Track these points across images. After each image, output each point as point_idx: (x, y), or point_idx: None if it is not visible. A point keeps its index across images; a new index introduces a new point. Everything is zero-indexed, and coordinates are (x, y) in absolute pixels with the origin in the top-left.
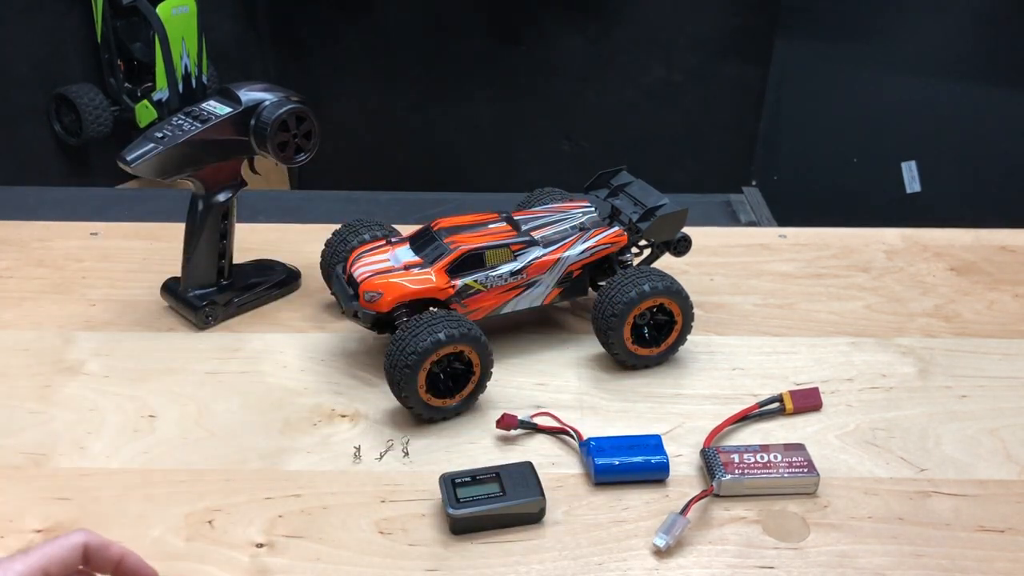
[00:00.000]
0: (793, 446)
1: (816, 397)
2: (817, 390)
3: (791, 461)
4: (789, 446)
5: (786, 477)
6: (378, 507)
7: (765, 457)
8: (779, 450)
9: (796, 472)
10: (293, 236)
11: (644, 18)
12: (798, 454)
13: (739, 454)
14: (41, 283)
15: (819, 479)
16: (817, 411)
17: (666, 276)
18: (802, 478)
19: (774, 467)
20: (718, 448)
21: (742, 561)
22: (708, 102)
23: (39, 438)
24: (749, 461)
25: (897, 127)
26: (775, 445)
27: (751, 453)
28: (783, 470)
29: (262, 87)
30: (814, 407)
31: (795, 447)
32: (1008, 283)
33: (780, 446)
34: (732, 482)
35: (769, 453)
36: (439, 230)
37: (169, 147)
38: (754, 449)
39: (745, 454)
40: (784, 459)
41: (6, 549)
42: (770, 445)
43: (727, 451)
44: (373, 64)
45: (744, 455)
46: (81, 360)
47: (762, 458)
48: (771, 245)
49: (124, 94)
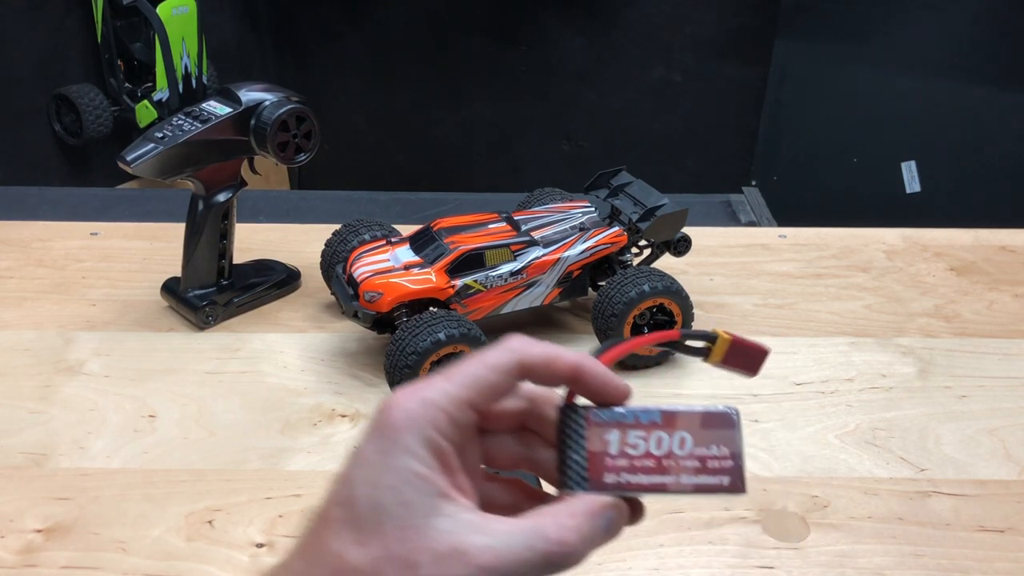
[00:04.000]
0: (716, 418)
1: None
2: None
3: (704, 457)
4: (710, 419)
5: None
6: None
7: (665, 442)
8: (692, 426)
9: (707, 481)
10: (293, 236)
11: (644, 18)
12: (721, 440)
13: (622, 428)
14: (41, 283)
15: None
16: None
17: (666, 276)
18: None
19: (672, 468)
20: (589, 415)
21: (742, 561)
22: (708, 102)
23: (39, 438)
24: (635, 451)
25: (897, 127)
26: (687, 414)
27: (644, 430)
28: (686, 477)
29: (262, 87)
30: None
31: (718, 420)
32: (1008, 283)
33: (696, 417)
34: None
35: (674, 434)
36: (439, 230)
37: (169, 147)
38: (651, 418)
39: (632, 430)
40: (694, 450)
41: (5, 549)
42: (678, 414)
43: (605, 421)
44: (373, 64)
45: (630, 432)
46: (81, 360)
47: (659, 443)
48: (771, 245)
49: (124, 94)
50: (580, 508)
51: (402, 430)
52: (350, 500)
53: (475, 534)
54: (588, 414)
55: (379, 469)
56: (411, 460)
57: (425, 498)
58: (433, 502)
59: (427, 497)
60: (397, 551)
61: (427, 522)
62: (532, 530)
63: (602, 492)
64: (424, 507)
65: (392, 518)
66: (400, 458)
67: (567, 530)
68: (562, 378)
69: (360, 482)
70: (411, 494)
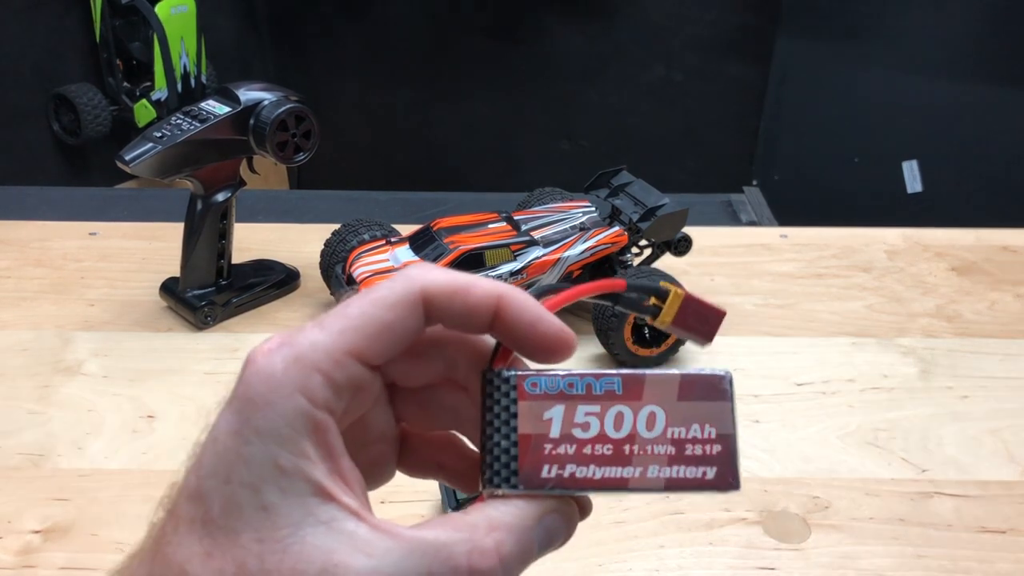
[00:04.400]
0: (699, 384)
1: (715, 320)
2: (720, 314)
3: (681, 440)
4: (691, 386)
5: (656, 485)
6: (377, 508)
7: (627, 420)
8: (665, 397)
9: (684, 473)
10: (292, 236)
11: (644, 17)
12: (705, 417)
13: (567, 402)
14: (40, 283)
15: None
16: (705, 343)
17: (667, 276)
18: (692, 490)
19: (637, 456)
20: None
21: (743, 562)
22: (709, 101)
23: (38, 438)
24: (584, 433)
25: (899, 126)
26: (659, 379)
27: (598, 403)
28: (655, 468)
29: (261, 86)
30: (702, 334)
31: (702, 388)
32: (1010, 283)
33: (671, 383)
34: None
35: (640, 408)
36: (439, 230)
37: (168, 147)
38: (608, 386)
39: (582, 404)
40: (667, 431)
41: (4, 550)
42: (646, 379)
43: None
44: (373, 64)
45: (580, 406)
46: (80, 360)
47: (619, 422)
48: (772, 245)
49: (123, 94)
50: (505, 518)
51: (260, 404)
52: (200, 495)
53: (356, 552)
54: (521, 382)
55: (233, 458)
56: (273, 446)
57: (292, 499)
58: (303, 505)
59: (294, 498)
60: (252, 569)
61: (293, 533)
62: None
63: (537, 491)
64: (290, 512)
65: (249, 526)
66: (258, 444)
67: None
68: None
69: (212, 473)
70: (273, 494)
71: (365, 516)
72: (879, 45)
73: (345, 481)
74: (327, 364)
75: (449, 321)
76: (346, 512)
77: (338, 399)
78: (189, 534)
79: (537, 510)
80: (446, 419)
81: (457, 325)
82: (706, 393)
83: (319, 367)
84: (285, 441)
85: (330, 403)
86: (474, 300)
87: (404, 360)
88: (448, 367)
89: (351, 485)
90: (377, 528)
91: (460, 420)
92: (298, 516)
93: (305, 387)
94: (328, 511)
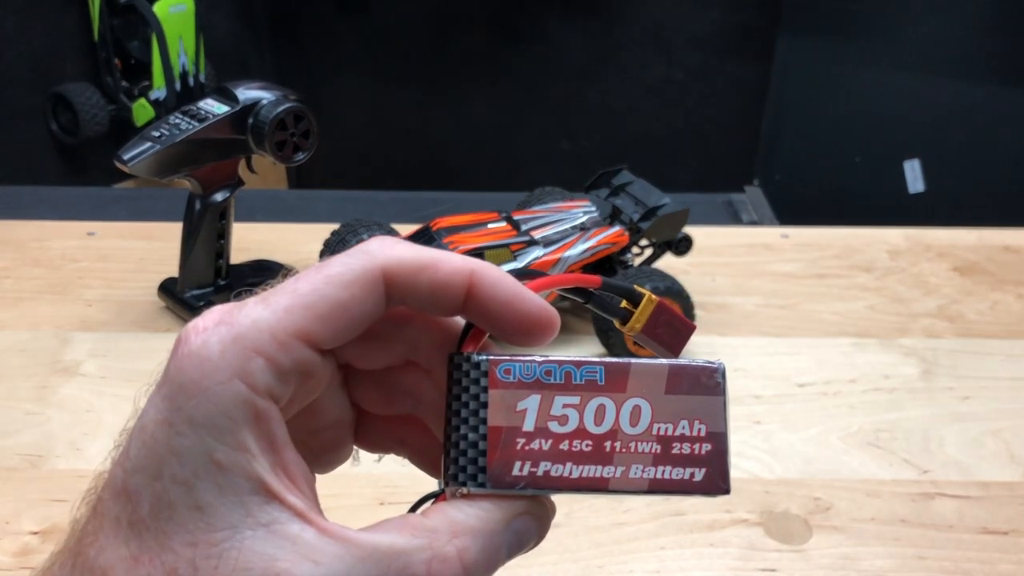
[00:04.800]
0: (690, 376)
1: (685, 333)
2: (691, 328)
3: (668, 437)
4: (680, 377)
5: (639, 486)
6: (377, 509)
7: (609, 414)
8: (651, 389)
9: (670, 474)
10: (291, 236)
11: (645, 16)
12: (695, 412)
13: (544, 391)
14: (37, 283)
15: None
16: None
17: (667, 276)
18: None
19: (618, 454)
20: (495, 370)
21: (744, 564)
22: (710, 101)
23: (36, 439)
24: (561, 427)
25: (901, 126)
26: (646, 369)
27: (577, 394)
28: (639, 467)
29: (260, 86)
30: (670, 346)
31: (693, 380)
32: (1012, 283)
33: (659, 374)
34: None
35: (624, 401)
36: (438, 230)
37: (166, 146)
38: (589, 375)
39: (560, 395)
40: (653, 427)
41: (2, 551)
42: (632, 368)
43: (520, 379)
44: (372, 62)
45: (557, 397)
46: (78, 361)
47: (600, 415)
48: (773, 245)
49: (121, 93)
50: (469, 521)
51: (193, 390)
52: (127, 492)
53: (300, 559)
54: (493, 368)
55: (163, 451)
56: (208, 438)
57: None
58: (241, 504)
59: (232, 497)
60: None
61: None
62: (389, 557)
63: (508, 490)
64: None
65: (181, 528)
66: (191, 435)
67: (443, 561)
68: (451, 295)
69: (140, 467)
70: (208, 492)
71: (311, 518)
72: (881, 44)
73: (290, 477)
74: (270, 346)
75: (415, 301)
76: (290, 513)
77: (282, 385)
78: (114, 535)
79: (506, 512)
80: (407, 403)
81: (424, 306)
82: (696, 386)
83: (260, 349)
84: (222, 432)
85: (273, 389)
86: (443, 277)
87: (360, 341)
88: (409, 348)
89: (296, 481)
90: (325, 532)
91: (422, 405)
92: (236, 517)
93: (244, 371)
94: (270, 512)
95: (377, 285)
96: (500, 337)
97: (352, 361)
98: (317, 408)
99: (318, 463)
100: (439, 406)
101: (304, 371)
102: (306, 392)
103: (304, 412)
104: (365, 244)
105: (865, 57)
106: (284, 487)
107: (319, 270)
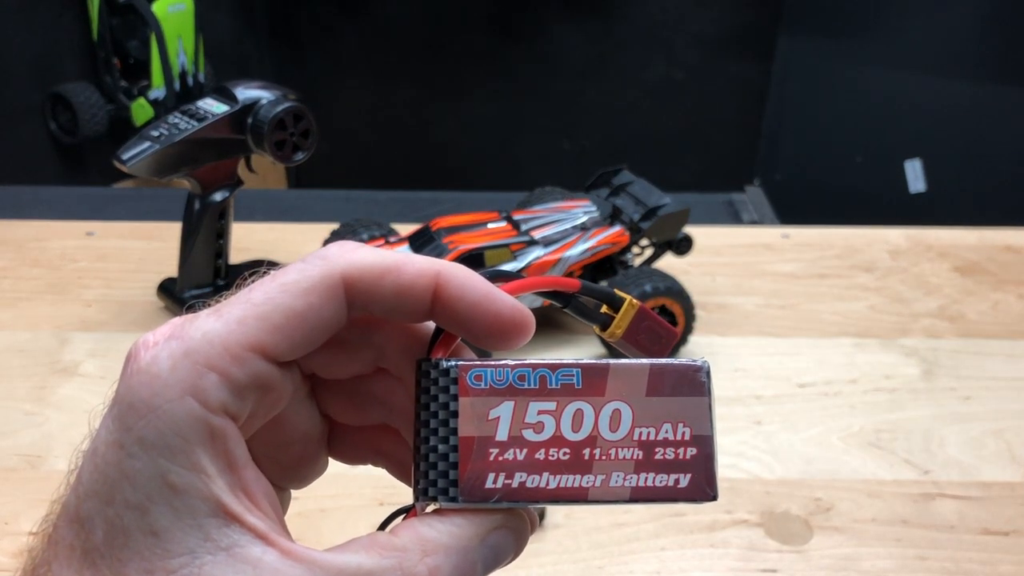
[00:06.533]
0: (672, 377)
1: (668, 341)
2: (674, 336)
3: (651, 443)
4: (662, 378)
5: (620, 495)
6: (376, 510)
7: (587, 420)
8: (632, 391)
9: (653, 482)
10: (291, 236)
11: (646, 15)
12: (679, 415)
13: (517, 397)
14: (36, 283)
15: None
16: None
17: (668, 276)
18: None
19: (598, 462)
20: (465, 376)
21: (744, 564)
22: (710, 100)
23: (35, 440)
24: (536, 435)
25: (902, 126)
26: (625, 370)
27: (553, 399)
28: (619, 476)
29: (259, 85)
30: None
31: (676, 381)
32: (1013, 283)
33: (640, 375)
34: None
35: (603, 406)
36: (438, 230)
37: (165, 146)
38: (565, 379)
39: (535, 400)
40: (634, 433)
41: (1, 552)
42: (610, 371)
43: (492, 385)
44: (372, 62)
45: (531, 403)
46: (77, 361)
47: (577, 421)
48: (774, 245)
49: (120, 92)
50: (442, 539)
51: (142, 410)
52: (80, 519)
53: None
54: (463, 374)
55: (115, 475)
56: (160, 460)
57: (186, 522)
58: (199, 528)
59: (188, 520)
60: None
61: (188, 563)
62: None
63: (481, 504)
64: (184, 538)
65: (137, 555)
66: (143, 457)
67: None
68: (417, 300)
69: (92, 492)
70: (163, 517)
71: (274, 539)
72: (882, 43)
73: (250, 497)
74: (223, 360)
75: (379, 308)
76: (251, 535)
77: (239, 401)
78: (68, 565)
79: (481, 527)
80: (379, 412)
81: (389, 312)
82: (679, 387)
83: (213, 364)
84: (175, 453)
85: (228, 406)
86: (407, 280)
87: (325, 350)
88: (378, 355)
89: (258, 501)
90: (288, 554)
91: (395, 414)
92: (194, 542)
93: (196, 388)
94: (229, 535)
95: (336, 292)
96: (472, 341)
97: (318, 371)
98: (283, 421)
99: (292, 478)
100: (412, 415)
101: (262, 385)
102: (267, 406)
103: (270, 426)
104: (324, 249)
105: (866, 57)
106: (244, 508)
107: (274, 278)
